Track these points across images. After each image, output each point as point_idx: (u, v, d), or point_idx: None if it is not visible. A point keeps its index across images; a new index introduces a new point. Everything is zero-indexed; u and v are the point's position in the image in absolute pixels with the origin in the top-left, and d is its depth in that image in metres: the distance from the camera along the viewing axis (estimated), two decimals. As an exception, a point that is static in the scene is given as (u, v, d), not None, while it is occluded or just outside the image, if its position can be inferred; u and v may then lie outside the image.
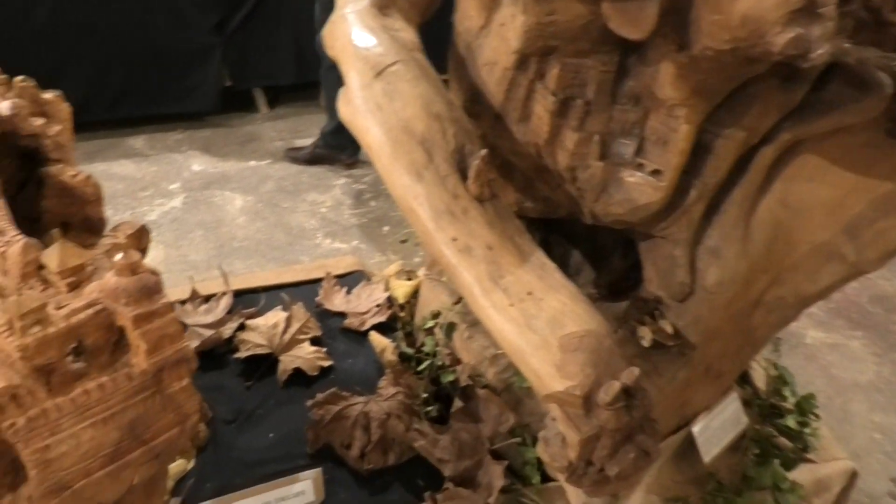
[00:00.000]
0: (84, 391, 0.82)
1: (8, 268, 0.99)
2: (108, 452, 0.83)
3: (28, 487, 0.81)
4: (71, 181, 1.26)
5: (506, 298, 1.15)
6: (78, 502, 0.82)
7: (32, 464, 0.79)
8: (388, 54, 1.33)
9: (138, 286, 0.86)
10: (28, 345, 0.80)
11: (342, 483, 1.46)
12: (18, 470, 0.83)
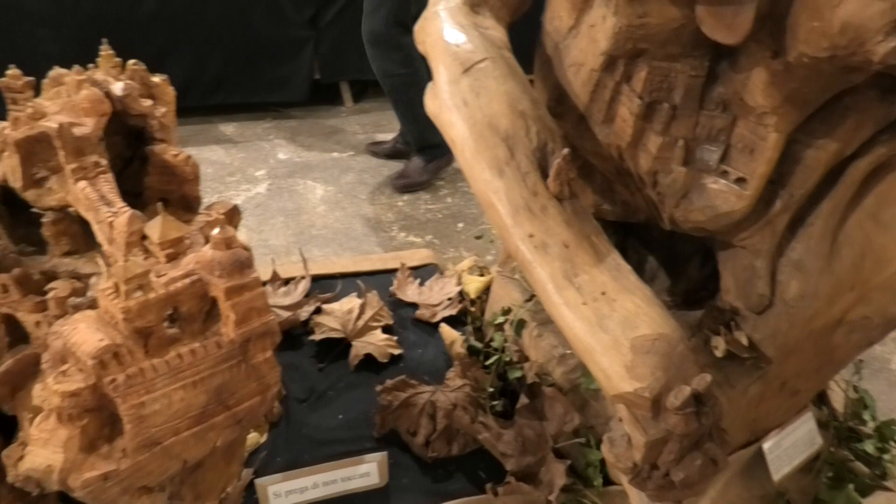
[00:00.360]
0: (178, 355, 0.88)
1: (114, 236, 1.06)
2: (195, 414, 0.89)
3: (123, 440, 0.87)
4: (172, 160, 1.34)
5: (579, 297, 1.16)
6: (166, 458, 0.88)
7: (128, 418, 0.85)
8: (477, 51, 1.36)
9: (232, 260, 0.91)
10: (131, 308, 0.86)
11: (406, 468, 1.50)
12: (115, 423, 0.89)
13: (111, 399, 0.86)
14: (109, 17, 3.50)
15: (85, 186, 1.17)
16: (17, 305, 1.14)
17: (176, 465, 0.89)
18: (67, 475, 0.84)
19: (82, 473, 0.84)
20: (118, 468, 0.85)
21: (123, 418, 0.85)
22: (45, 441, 0.85)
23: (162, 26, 3.55)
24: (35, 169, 1.30)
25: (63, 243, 1.35)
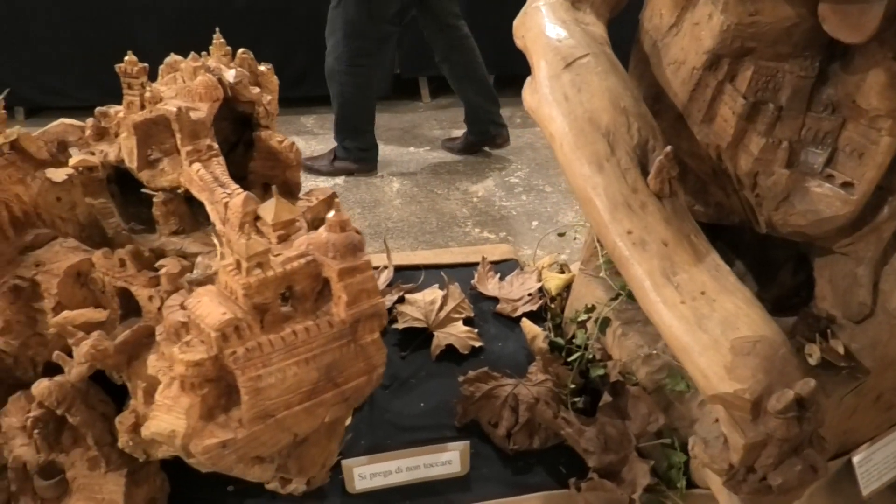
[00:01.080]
0: (293, 331, 0.91)
1: (228, 217, 1.11)
2: (306, 390, 0.92)
3: (239, 411, 0.91)
4: (277, 146, 1.39)
5: (677, 295, 1.15)
6: (278, 431, 0.92)
7: (246, 390, 0.89)
8: (578, 46, 1.36)
9: (346, 242, 0.94)
10: (251, 284, 0.89)
11: (486, 459, 1.51)
12: (230, 394, 0.93)
13: (230, 371, 0.90)
14: (201, 10, 3.63)
15: (199, 168, 1.22)
16: (132, 280, 1.21)
17: (287, 437, 0.93)
18: (189, 441, 0.89)
19: (202, 440, 0.89)
20: (235, 437, 0.89)
21: (241, 390, 0.89)
22: (168, 407, 0.90)
23: (251, 20, 3.66)
24: (150, 151, 1.37)
25: (172, 223, 1.42)
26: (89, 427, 1.17)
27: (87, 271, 1.24)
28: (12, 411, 1.25)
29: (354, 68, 3.29)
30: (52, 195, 1.35)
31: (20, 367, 1.32)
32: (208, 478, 1.43)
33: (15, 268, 1.21)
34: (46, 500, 1.23)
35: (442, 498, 1.43)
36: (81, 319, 1.09)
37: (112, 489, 1.22)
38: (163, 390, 0.93)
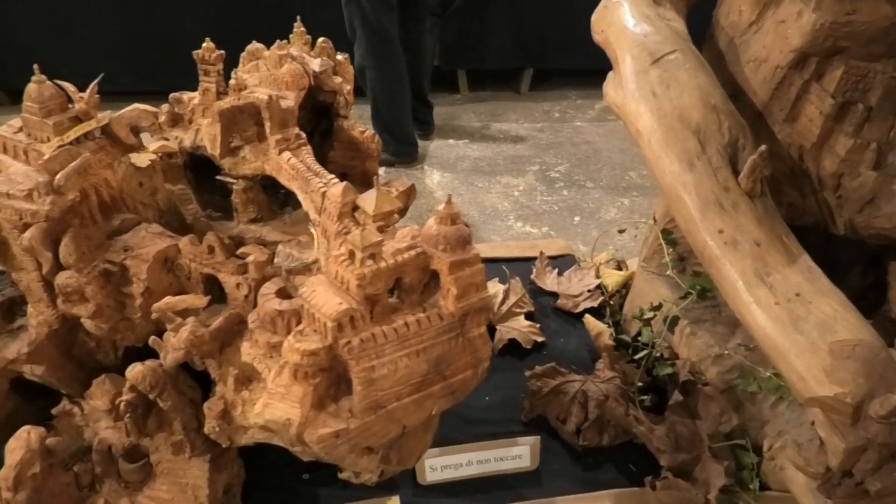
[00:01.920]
0: (405, 323, 0.91)
1: (326, 206, 1.11)
2: (416, 382, 0.92)
3: (350, 401, 0.91)
4: (359, 136, 1.39)
5: (771, 296, 1.14)
6: (387, 422, 0.92)
7: (359, 381, 0.89)
8: (665, 42, 1.35)
9: (457, 235, 0.94)
10: (365, 274, 0.89)
11: (555, 454, 1.51)
12: (339, 385, 0.93)
13: (341, 361, 0.90)
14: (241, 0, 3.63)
15: (289, 157, 1.22)
16: (220, 267, 1.21)
17: (396, 429, 0.93)
18: (304, 430, 0.89)
19: (316, 429, 0.89)
20: (348, 427, 0.89)
21: (354, 380, 0.89)
22: (281, 395, 0.90)
23: (290, 10, 3.65)
24: (231, 138, 1.37)
25: (250, 210, 1.42)
26: (178, 412, 1.18)
27: (174, 257, 1.24)
28: (97, 394, 1.26)
29: (383, 62, 3.27)
30: (135, 180, 1.35)
31: (102, 350, 1.33)
32: (280, 466, 1.45)
33: (104, 252, 1.22)
34: (130, 483, 1.24)
35: (512, 492, 1.43)
36: (182, 305, 1.09)
37: (196, 474, 1.23)
38: (274, 378, 0.93)
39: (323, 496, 1.41)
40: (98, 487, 1.24)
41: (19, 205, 1.12)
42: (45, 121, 1.17)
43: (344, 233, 1.06)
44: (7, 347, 1.25)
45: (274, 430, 0.95)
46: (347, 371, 0.93)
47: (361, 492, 1.42)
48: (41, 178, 1.13)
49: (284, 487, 1.42)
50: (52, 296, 1.20)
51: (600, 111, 3.94)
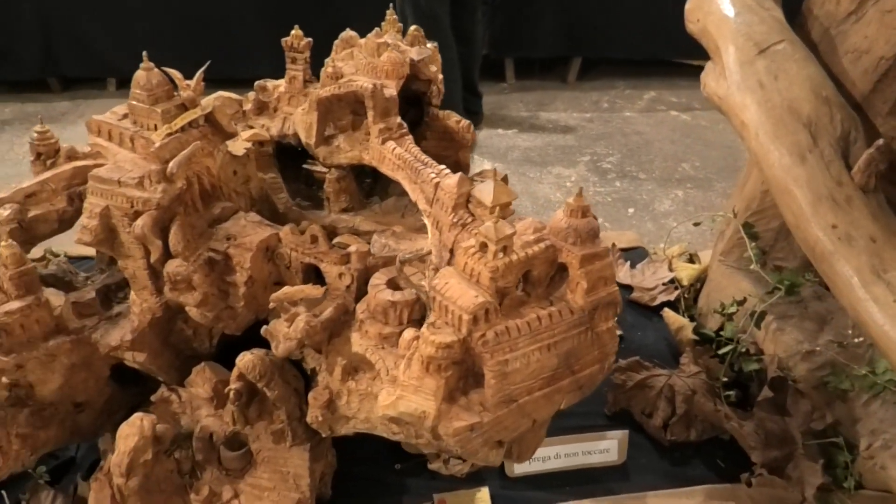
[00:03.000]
0: (537, 317, 0.90)
1: (439, 197, 1.09)
2: (546, 376, 0.91)
3: (480, 395, 0.90)
4: (454, 126, 1.37)
5: (889, 294, 1.11)
6: (518, 416, 0.91)
7: (493, 374, 0.88)
8: (771, 32, 1.31)
9: (587, 228, 0.92)
10: (499, 267, 0.88)
11: (641, 448, 1.49)
12: (467, 378, 0.93)
13: (472, 354, 0.90)
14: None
15: (394, 147, 1.21)
16: (323, 256, 1.20)
17: (526, 423, 0.92)
18: (439, 422, 0.88)
19: (451, 422, 0.88)
20: (481, 421, 0.88)
21: (488, 374, 0.88)
22: (415, 388, 0.89)
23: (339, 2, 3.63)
24: (326, 127, 1.36)
25: (342, 200, 1.41)
26: (284, 402, 1.18)
27: (275, 247, 1.24)
28: (197, 382, 1.27)
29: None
30: (230, 169, 1.35)
31: (198, 339, 1.34)
32: (370, 456, 1.45)
33: (207, 241, 1.22)
34: (231, 471, 1.24)
35: (601, 486, 1.42)
36: (300, 295, 1.09)
37: (297, 463, 1.23)
38: (404, 371, 0.92)
39: (412, 486, 1.41)
40: (199, 474, 1.25)
41: (131, 192, 1.13)
42: (154, 108, 1.17)
43: (460, 224, 1.05)
44: (109, 334, 1.26)
45: (407, 423, 0.95)
46: (476, 365, 0.92)
47: (450, 483, 1.41)
48: (152, 166, 1.13)
49: (373, 477, 1.42)
50: (156, 284, 1.21)
51: (649, 101, 3.89)
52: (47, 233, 1.37)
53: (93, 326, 1.27)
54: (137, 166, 1.16)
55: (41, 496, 1.34)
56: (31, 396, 1.17)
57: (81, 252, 1.85)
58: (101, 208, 1.14)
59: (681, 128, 3.66)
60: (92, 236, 1.14)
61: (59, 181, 1.35)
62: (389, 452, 1.46)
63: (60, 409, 1.23)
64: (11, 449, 1.14)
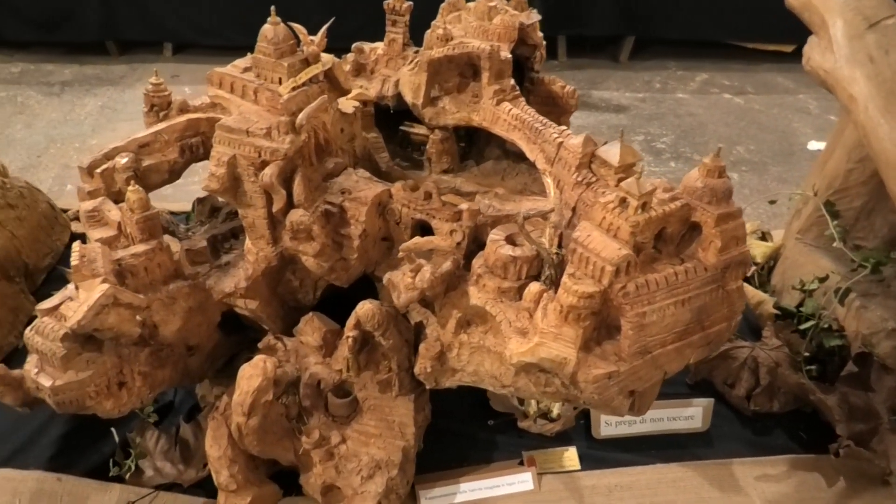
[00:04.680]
0: (674, 272, 0.92)
1: (562, 156, 1.12)
2: (679, 330, 0.94)
3: (615, 345, 0.93)
4: (559, 91, 1.39)
5: None
6: (652, 367, 0.94)
7: (631, 325, 0.91)
8: (881, 7, 1.32)
9: (724, 188, 0.94)
10: (640, 222, 0.91)
11: (724, 417, 1.52)
12: (599, 329, 0.95)
13: (609, 305, 0.92)
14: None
15: (510, 108, 1.24)
16: (435, 213, 1.23)
17: (658, 374, 0.95)
18: (578, 369, 0.91)
19: (590, 370, 0.91)
20: (618, 370, 0.91)
21: (625, 324, 0.91)
22: (554, 336, 0.92)
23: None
24: (433, 89, 1.39)
25: (444, 161, 1.44)
26: (396, 351, 1.22)
27: (386, 202, 1.27)
28: (307, 331, 1.30)
29: None
30: (338, 126, 1.38)
31: (303, 289, 1.37)
32: (462, 412, 1.49)
33: (322, 193, 1.25)
34: (338, 417, 1.29)
35: (686, 451, 1.45)
36: (429, 246, 1.12)
37: (402, 412, 1.27)
38: (542, 319, 0.95)
39: (500, 443, 1.45)
40: (305, 419, 1.29)
41: (259, 142, 1.16)
42: (280, 62, 1.19)
43: (584, 183, 1.07)
44: (222, 281, 1.30)
45: (542, 370, 0.98)
46: (610, 316, 0.95)
47: (538, 441, 1.45)
48: (280, 117, 1.16)
49: (463, 433, 1.46)
50: (274, 233, 1.24)
51: (701, 83, 3.87)
52: (158, 182, 1.41)
53: (205, 274, 1.32)
54: (263, 118, 1.19)
55: (147, 435, 1.40)
56: (154, 336, 1.21)
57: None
58: (229, 157, 1.17)
59: (734, 111, 3.64)
60: (219, 184, 1.18)
61: (173, 133, 1.39)
62: (478, 409, 1.50)
63: (175, 351, 1.28)
64: (135, 386, 1.19)
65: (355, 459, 1.25)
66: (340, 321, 1.31)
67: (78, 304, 1.06)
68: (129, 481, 1.31)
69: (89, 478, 1.29)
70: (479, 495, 1.35)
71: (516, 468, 1.39)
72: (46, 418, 1.35)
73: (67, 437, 1.35)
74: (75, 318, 1.03)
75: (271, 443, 1.23)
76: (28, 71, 3.86)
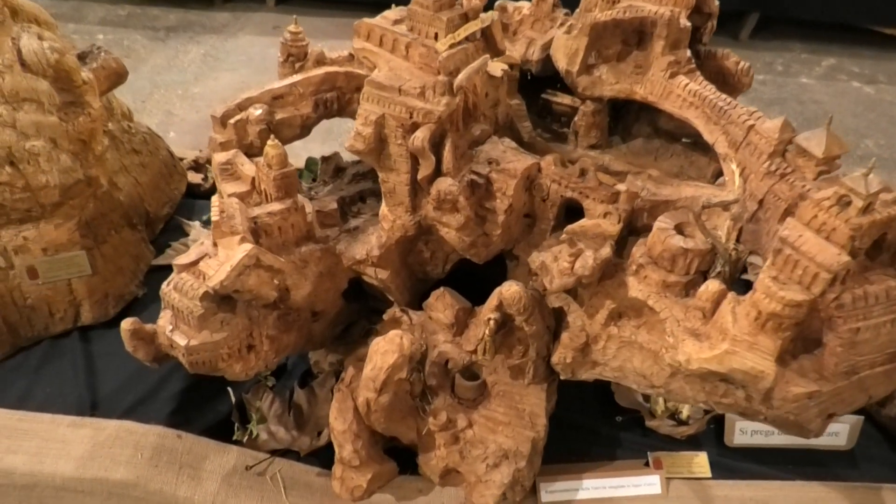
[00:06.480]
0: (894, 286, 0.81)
1: (753, 141, 1.00)
2: (892, 351, 0.82)
3: (814, 361, 0.83)
4: (732, 67, 1.26)
5: None
6: (857, 389, 0.83)
7: (841, 342, 0.80)
8: None
9: (962, 193, 0.81)
10: (863, 225, 0.79)
11: (871, 438, 1.39)
12: (796, 341, 0.85)
13: (814, 316, 0.81)
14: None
15: (686, 83, 1.12)
16: (590, 192, 1.13)
17: (862, 398, 0.84)
18: (776, 384, 0.81)
19: (789, 387, 0.81)
20: (820, 390, 0.81)
21: (834, 340, 0.81)
22: (749, 345, 0.82)
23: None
24: (590, 56, 1.28)
25: (592, 135, 1.34)
26: (537, 338, 1.14)
27: (534, 176, 1.18)
28: (438, 307, 1.23)
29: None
30: (482, 90, 1.29)
31: (433, 262, 1.30)
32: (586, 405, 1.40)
33: (468, 162, 1.16)
34: (464, 400, 1.22)
35: (825, 469, 1.34)
36: (596, 230, 1.03)
37: (534, 402, 1.20)
38: (732, 324, 0.85)
39: (625, 441, 1.36)
40: (430, 399, 1.23)
41: (412, 102, 1.07)
42: (438, 15, 1.10)
43: (778, 174, 0.96)
44: (352, 247, 1.23)
45: (731, 380, 0.88)
46: (810, 328, 0.84)
47: (664, 443, 1.36)
48: (437, 76, 1.07)
49: (585, 426, 1.37)
50: (414, 201, 1.17)
51: (828, 69, 3.60)
52: (289, 137, 1.35)
53: (335, 238, 1.26)
54: (415, 76, 1.11)
55: (261, 396, 1.36)
56: (284, 300, 1.16)
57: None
58: (377, 116, 1.10)
59: (864, 101, 3.39)
60: (364, 144, 1.10)
61: (308, 86, 1.32)
62: (601, 402, 1.41)
63: (301, 316, 1.22)
64: (262, 349, 1.14)
65: (481, 446, 1.18)
66: (466, 297, 1.24)
67: (218, 263, 1.01)
68: (245, 444, 1.27)
69: (207, 437, 1.26)
70: (603, 494, 1.27)
71: (643, 469, 1.30)
72: (166, 373, 1.32)
73: (185, 393, 1.32)
74: (217, 277, 0.98)
75: (396, 420, 1.17)
76: (135, 14, 3.88)
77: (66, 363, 1.39)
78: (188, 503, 1.16)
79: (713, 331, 0.88)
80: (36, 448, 1.22)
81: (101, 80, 1.42)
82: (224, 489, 1.18)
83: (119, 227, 1.47)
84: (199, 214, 1.73)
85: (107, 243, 1.45)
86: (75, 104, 1.34)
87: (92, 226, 1.41)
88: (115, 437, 1.23)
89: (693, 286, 1.00)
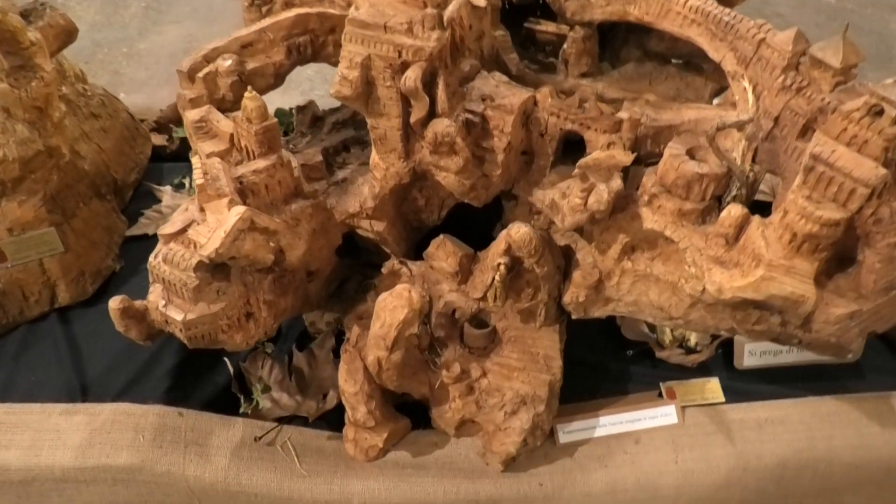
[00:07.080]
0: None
1: (764, 55, 0.95)
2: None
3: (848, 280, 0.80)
4: None
5: None
6: (894, 306, 0.80)
7: (880, 258, 0.77)
8: None
9: None
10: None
11: (876, 349, 1.38)
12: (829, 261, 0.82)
13: (850, 235, 0.78)
14: None
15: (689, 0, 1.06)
16: (591, 123, 1.08)
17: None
18: (816, 307, 0.78)
19: (830, 309, 0.78)
20: (861, 309, 0.78)
21: (872, 257, 0.78)
22: (786, 269, 0.79)
23: None
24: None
25: (583, 63, 1.27)
26: (548, 280, 1.09)
27: (531, 111, 1.12)
28: (440, 256, 1.18)
29: None
30: (466, 22, 1.21)
31: (428, 209, 1.25)
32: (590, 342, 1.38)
33: (460, 100, 1.10)
34: (474, 349, 1.18)
35: (838, 384, 1.34)
36: (610, 162, 0.97)
37: (547, 344, 1.17)
38: (767, 249, 0.81)
39: (634, 374, 1.34)
40: (438, 351, 1.19)
41: (399, 40, 1.00)
42: (419, -57, 1.02)
43: (794, 88, 0.91)
44: (344, 200, 1.17)
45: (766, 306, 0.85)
46: (845, 246, 0.81)
47: (676, 372, 1.34)
48: (426, 9, 1.00)
49: (594, 363, 1.35)
50: (407, 146, 1.10)
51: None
52: (263, 88, 1.26)
53: (323, 192, 1.19)
54: (400, 11, 1.03)
55: (259, 364, 1.31)
56: (279, 262, 1.09)
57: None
58: (363, 57, 1.02)
59: (825, 11, 3.36)
60: (352, 89, 1.02)
61: (279, 30, 1.23)
62: (607, 337, 1.38)
63: (296, 277, 1.16)
64: (261, 316, 1.08)
65: (497, 394, 1.15)
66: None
67: (210, 230, 0.94)
68: (250, 415, 1.22)
69: (208, 411, 1.20)
70: (620, 429, 1.26)
71: (657, 400, 1.29)
72: (156, 349, 1.26)
73: (180, 368, 1.26)
74: (211, 245, 0.91)
75: (407, 376, 1.13)
76: (64, -31, 3.63)
77: (47, 348, 1.31)
78: (199, 482, 1.12)
79: (742, 257, 0.84)
80: (29, 441, 1.15)
81: (51, 40, 1.31)
82: (235, 463, 1.14)
83: (87, 199, 1.38)
84: (168, 178, 1.63)
85: (76, 217, 1.35)
86: (24, 68, 1.22)
87: (58, 199, 1.31)
88: (113, 421, 1.17)
89: (709, 213, 0.97)
